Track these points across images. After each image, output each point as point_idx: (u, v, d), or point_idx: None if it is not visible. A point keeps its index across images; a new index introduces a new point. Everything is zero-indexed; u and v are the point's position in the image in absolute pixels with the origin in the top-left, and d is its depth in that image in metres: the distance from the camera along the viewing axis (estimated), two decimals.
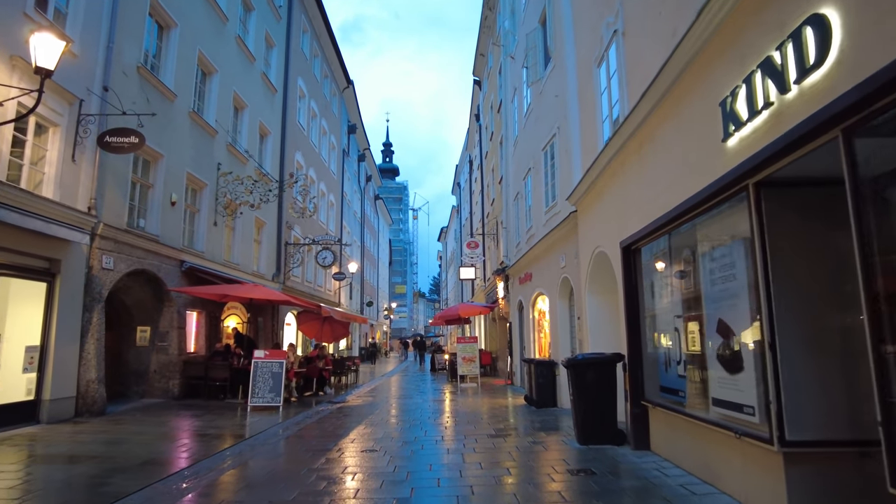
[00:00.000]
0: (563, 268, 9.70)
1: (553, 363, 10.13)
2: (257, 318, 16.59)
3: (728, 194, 3.95)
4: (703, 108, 4.26)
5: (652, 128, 5.47)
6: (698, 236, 4.72)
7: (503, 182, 16.86)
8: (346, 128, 30.93)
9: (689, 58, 4.41)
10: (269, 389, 10.19)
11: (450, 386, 15.43)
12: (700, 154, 4.34)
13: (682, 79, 4.65)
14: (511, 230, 15.60)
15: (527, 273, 13.03)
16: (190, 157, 12.51)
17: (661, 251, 5.68)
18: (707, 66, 4.18)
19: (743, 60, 3.59)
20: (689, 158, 4.58)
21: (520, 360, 14.48)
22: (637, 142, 5.87)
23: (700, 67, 4.30)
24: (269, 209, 17.42)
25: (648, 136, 5.57)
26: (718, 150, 3.99)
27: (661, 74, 4.87)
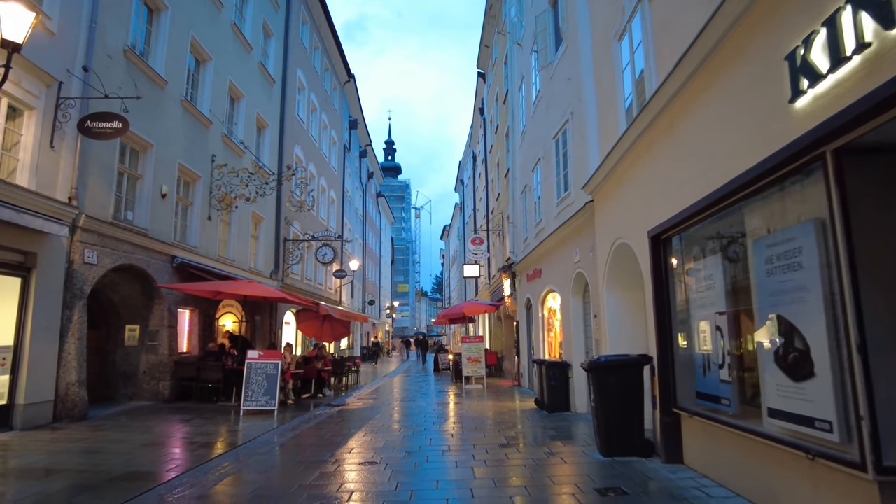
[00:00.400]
0: (578, 262, 9.06)
1: (566, 365, 9.49)
2: (254, 316, 15.99)
3: (795, 166, 3.31)
4: (760, 67, 3.62)
5: (688, 100, 4.82)
6: (749, 219, 4.08)
7: (509, 175, 16.22)
8: (348, 123, 30.32)
9: (741, 10, 3.76)
10: (263, 392, 9.57)
11: (454, 387, 14.80)
12: (756, 122, 3.70)
13: (730, 37, 4.00)
14: (518, 225, 14.97)
15: (535, 269, 12.40)
16: (182, 148, 11.90)
17: (698, 239, 5.04)
18: (768, 14, 3.53)
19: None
20: (740, 129, 3.94)
21: (528, 361, 13.85)
22: (668, 118, 5.22)
23: (758, 18, 3.66)
24: (267, 204, 16.82)
25: (683, 110, 4.92)
26: (782, 114, 3.35)
27: (703, 36, 4.23)
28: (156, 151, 10.86)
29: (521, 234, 14.53)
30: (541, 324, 12.09)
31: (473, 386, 14.35)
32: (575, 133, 9.30)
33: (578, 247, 9.00)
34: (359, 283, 34.58)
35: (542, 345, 12.03)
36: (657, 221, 5.50)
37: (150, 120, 10.63)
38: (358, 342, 34.56)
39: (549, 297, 11.78)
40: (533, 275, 12.65)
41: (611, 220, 7.30)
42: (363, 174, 36.41)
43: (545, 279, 11.57)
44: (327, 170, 24.84)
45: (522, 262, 13.91)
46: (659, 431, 5.51)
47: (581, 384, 9.26)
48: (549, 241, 10.70)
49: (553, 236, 10.34)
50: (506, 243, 17.37)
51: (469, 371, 14.22)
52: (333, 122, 26.30)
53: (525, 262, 13.61)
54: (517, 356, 14.74)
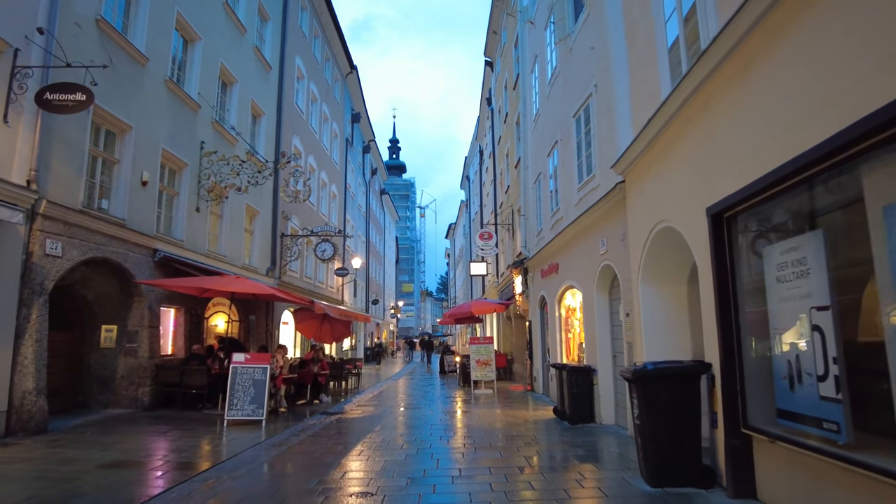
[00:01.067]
0: (604, 254, 7.99)
1: (590, 370, 8.41)
2: (248, 315, 15.01)
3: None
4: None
5: (767, 36, 3.75)
6: (874, 178, 3.00)
7: (520, 165, 15.15)
8: (350, 116, 29.33)
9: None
10: (249, 400, 8.55)
11: (461, 392, 13.74)
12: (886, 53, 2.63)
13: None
14: (531, 218, 13.90)
15: (551, 264, 11.32)
16: (166, 132, 10.92)
17: (781, 212, 3.97)
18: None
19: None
20: (863, 55, 2.87)
21: (542, 365, 12.77)
22: (738, 63, 4.15)
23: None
24: (262, 197, 15.82)
25: (762, 52, 3.85)
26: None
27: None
28: (136, 135, 9.87)
29: (534, 227, 13.45)
30: (557, 324, 11.01)
31: (483, 391, 13.29)
32: (600, 108, 8.23)
33: (605, 236, 7.93)
34: (362, 282, 33.59)
35: (559, 347, 10.95)
36: (720, 195, 4.42)
37: (128, 100, 9.65)
38: (361, 343, 33.57)
39: (567, 294, 10.70)
40: (548, 270, 11.57)
41: (649, 202, 6.22)
42: (366, 170, 35.42)
43: (563, 274, 10.49)
44: (328, 164, 23.85)
45: (536, 256, 12.83)
46: (723, 457, 4.43)
47: (607, 392, 8.19)
48: (569, 232, 9.63)
49: (573, 226, 9.27)
50: (516, 238, 16.30)
51: (478, 375, 13.16)
52: (335, 114, 25.32)
53: (539, 257, 12.53)
54: (529, 359, 13.67)
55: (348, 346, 28.96)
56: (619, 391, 8.07)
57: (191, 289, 10.44)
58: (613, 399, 8.15)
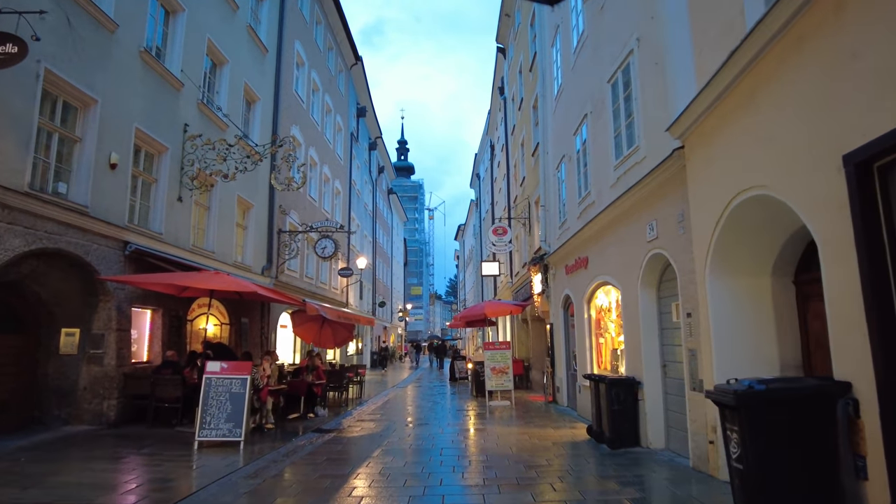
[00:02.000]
0: (653, 241, 6.54)
1: (633, 382, 6.95)
2: (240, 318, 13.70)
3: None
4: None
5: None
6: None
7: (539, 151, 13.73)
8: (355, 110, 28.08)
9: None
10: (225, 418, 7.19)
11: (475, 404, 12.30)
12: None
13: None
14: (551, 209, 12.46)
15: (579, 258, 9.87)
16: (141, 110, 9.65)
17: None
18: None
19: None
20: None
21: (566, 373, 11.30)
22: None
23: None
24: (257, 189, 14.54)
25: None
26: None
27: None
28: (102, 110, 8.59)
29: (556, 218, 12.02)
30: (586, 327, 9.56)
31: (499, 403, 11.83)
32: (643, 65, 6.80)
33: (654, 218, 6.48)
34: (369, 284, 32.27)
35: (589, 354, 9.49)
36: (868, 136, 2.98)
37: (93, 70, 8.39)
38: (368, 347, 32.22)
39: (599, 292, 9.24)
40: (575, 266, 10.12)
41: (726, 167, 4.77)
42: (373, 167, 34.15)
43: (594, 269, 9.04)
44: (332, 158, 22.57)
45: (559, 251, 11.38)
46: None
47: (655, 410, 6.73)
48: (602, 219, 8.19)
49: (609, 211, 7.83)
50: (534, 233, 14.86)
51: (493, 384, 11.71)
52: (339, 106, 24.06)
53: (563, 252, 11.08)
54: (551, 366, 12.20)
55: (354, 351, 27.63)
56: (670, 408, 6.61)
57: (166, 286, 9.13)
58: (663, 418, 6.68)
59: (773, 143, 4.01)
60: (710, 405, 5.03)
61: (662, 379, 6.73)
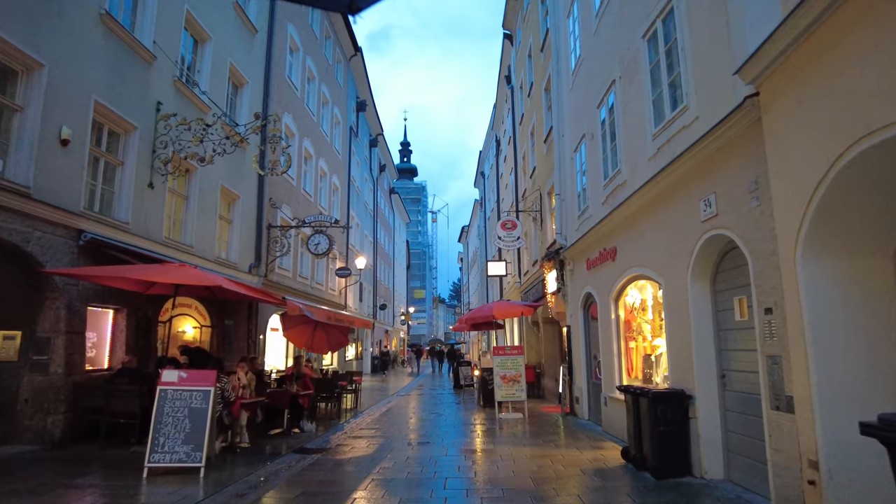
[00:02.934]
0: (711, 219, 5.23)
1: (683, 396, 5.63)
2: (223, 320, 12.44)
3: None
4: None
5: None
6: None
7: (552, 136, 12.46)
8: (355, 104, 26.89)
9: None
10: (183, 438, 5.92)
11: (482, 416, 10.97)
12: None
13: None
14: (568, 197, 11.17)
15: (604, 250, 8.56)
16: (102, 82, 8.44)
17: None
18: None
19: None
20: None
21: (586, 382, 9.97)
22: None
23: None
24: (244, 179, 13.32)
25: None
26: None
27: None
28: (50, 77, 7.38)
29: (573, 208, 10.72)
30: (614, 329, 8.24)
31: (510, 415, 10.49)
32: (694, 4, 5.51)
33: (712, 190, 5.17)
34: (369, 286, 31.00)
35: (617, 360, 8.16)
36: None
37: (37, 28, 7.18)
38: (368, 351, 30.91)
39: (630, 289, 7.92)
40: (599, 259, 8.81)
41: (835, 107, 3.48)
42: (373, 165, 32.94)
43: (625, 261, 7.73)
44: (329, 152, 21.35)
45: (578, 244, 10.08)
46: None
47: (712, 431, 5.41)
48: (638, 200, 6.89)
49: (647, 189, 6.53)
50: (546, 227, 13.56)
51: (504, 394, 10.39)
52: (337, 98, 22.86)
53: (583, 244, 9.78)
54: (568, 374, 10.87)
55: (353, 356, 26.33)
56: (731, 429, 5.29)
57: (121, 281, 7.86)
58: (722, 441, 5.36)
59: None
60: (806, 432, 3.72)
61: (720, 392, 5.42)
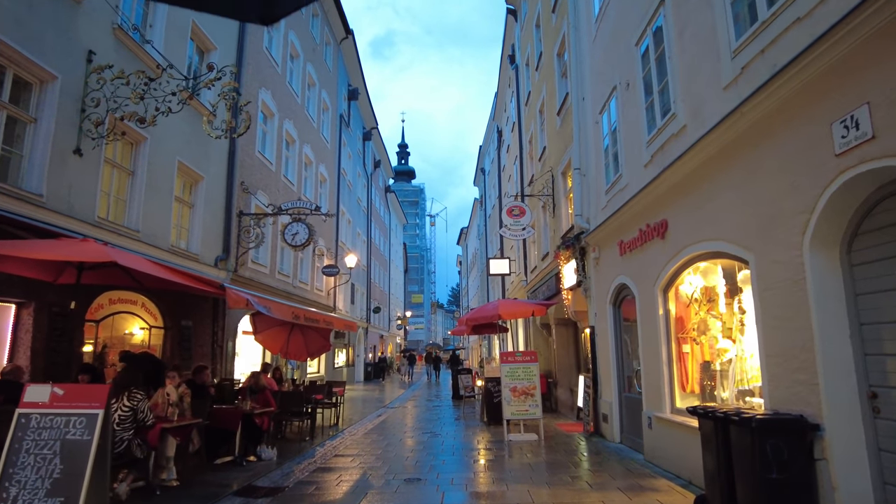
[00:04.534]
0: (855, 148, 3.32)
1: (804, 426, 3.71)
2: (180, 320, 10.50)
3: None
4: None
5: None
6: None
7: (568, 104, 10.61)
8: (346, 91, 25.07)
9: None
10: (49, 488, 3.98)
11: (487, 437, 9.01)
12: None
13: None
14: (590, 171, 9.29)
15: (648, 227, 6.65)
16: (5, 12, 6.56)
17: None
18: None
19: None
20: None
21: (616, 396, 8.02)
22: None
23: None
24: (210, 157, 11.43)
25: None
26: None
27: None
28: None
29: (599, 181, 8.84)
30: (662, 328, 6.31)
31: (521, 437, 8.52)
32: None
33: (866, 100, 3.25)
34: (362, 287, 29.04)
35: (667, 369, 6.23)
36: None
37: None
38: (361, 358, 28.92)
39: (685, 274, 6.00)
40: (638, 239, 6.91)
41: None
42: (367, 160, 31.08)
43: (681, 236, 5.82)
44: (315, 138, 19.48)
45: (606, 225, 8.17)
46: None
47: (856, 482, 3.47)
48: (706, 147, 4.99)
49: (725, 128, 4.63)
50: (560, 213, 11.66)
51: (514, 411, 8.44)
52: (325, 81, 21.03)
53: (613, 224, 7.87)
54: (592, 386, 8.91)
55: (343, 363, 24.34)
56: (889, 480, 3.37)
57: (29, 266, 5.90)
58: (876, 498, 3.43)
59: None
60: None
61: (868, 421, 3.50)
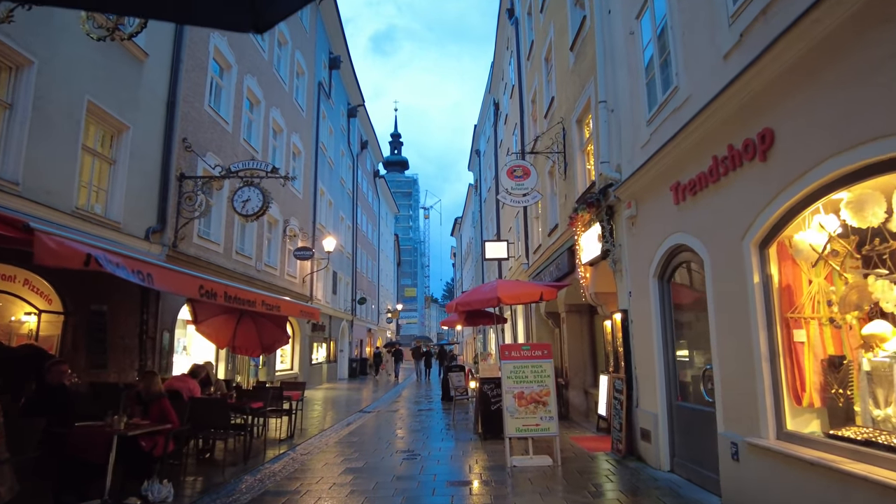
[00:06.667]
0: None
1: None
2: (88, 304, 8.16)
3: None
4: None
5: None
6: None
7: (586, 27, 8.29)
8: (327, 58, 22.62)
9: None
10: None
11: (483, 461, 6.74)
12: None
13: None
14: (624, 104, 6.99)
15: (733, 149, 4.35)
16: None
17: None
18: None
19: None
20: None
21: (664, 406, 5.75)
22: None
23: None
24: (139, 103, 9.05)
25: None
26: None
27: None
28: None
29: (638, 112, 6.54)
30: (758, 305, 4.03)
31: (529, 462, 6.24)
32: None
33: None
34: (346, 277, 26.67)
35: (769, 368, 3.95)
36: None
37: None
38: (345, 353, 26.60)
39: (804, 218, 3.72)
40: (704, 177, 4.62)
41: None
42: (353, 139, 28.65)
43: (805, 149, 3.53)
44: (287, 104, 17.07)
45: (649, 166, 5.86)
46: None
47: None
48: None
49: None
50: (575, 172, 9.34)
51: (520, 426, 6.14)
52: (300, 42, 18.61)
53: (663, 162, 5.56)
54: (625, 391, 6.63)
55: (324, 358, 22.02)
56: None
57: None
58: None
59: None
60: None
61: None
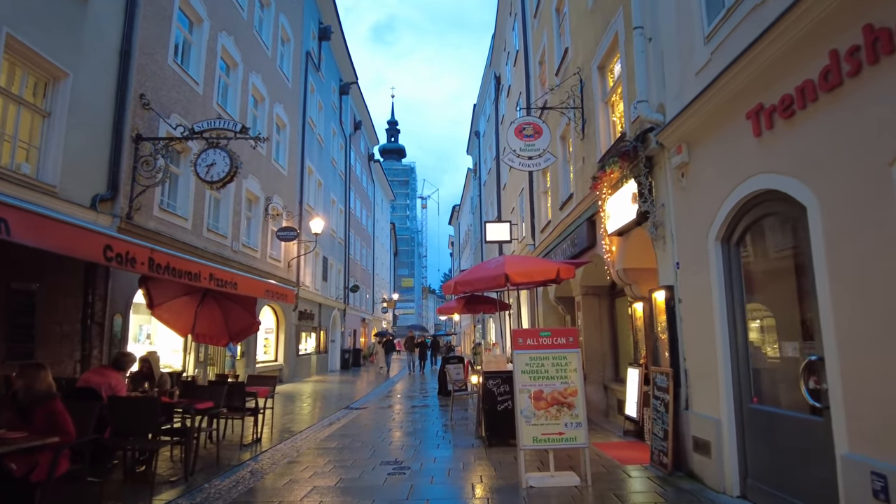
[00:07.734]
0: None
1: None
2: (8, 282, 6.71)
3: None
4: None
5: None
6: None
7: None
8: (316, 28, 21.04)
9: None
10: None
11: (490, 477, 5.37)
12: None
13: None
14: (666, 29, 5.56)
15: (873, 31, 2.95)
16: None
17: None
18: None
19: None
20: None
21: (731, 407, 4.38)
22: None
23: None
24: (81, 45, 7.55)
25: None
26: None
27: None
28: None
29: (693, 33, 5.09)
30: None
31: (551, 481, 4.85)
32: None
33: None
34: (339, 264, 25.23)
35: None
36: None
37: None
38: (337, 343, 25.23)
39: None
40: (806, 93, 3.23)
41: None
42: (345, 117, 27.07)
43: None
44: (269, 70, 15.52)
45: (711, 93, 4.44)
46: None
47: None
48: None
49: None
50: (596, 129, 7.92)
51: (540, 434, 4.76)
52: (285, 5, 17.03)
53: (733, 85, 4.15)
54: (671, 389, 5.26)
55: (313, 349, 20.65)
56: None
57: None
58: None
59: None
60: None
61: None
